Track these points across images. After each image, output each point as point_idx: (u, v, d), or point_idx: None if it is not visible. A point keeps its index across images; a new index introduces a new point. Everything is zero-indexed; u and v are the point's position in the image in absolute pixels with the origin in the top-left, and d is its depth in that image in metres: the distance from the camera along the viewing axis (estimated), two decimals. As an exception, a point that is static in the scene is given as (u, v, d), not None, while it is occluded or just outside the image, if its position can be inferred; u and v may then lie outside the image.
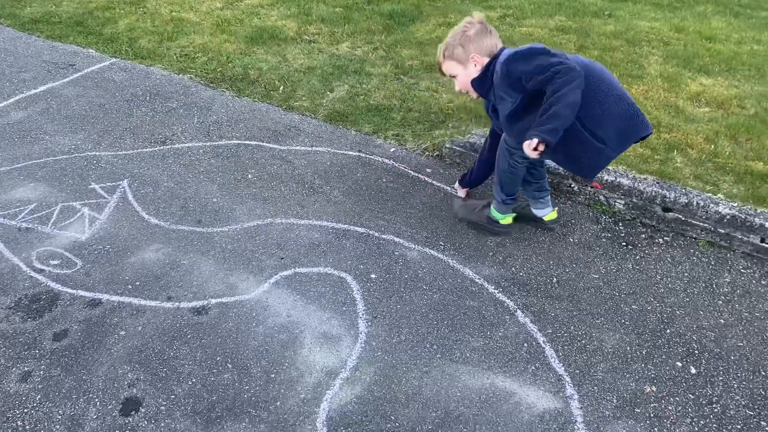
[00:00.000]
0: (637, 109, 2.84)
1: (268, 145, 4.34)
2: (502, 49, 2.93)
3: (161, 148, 4.29)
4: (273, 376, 2.63)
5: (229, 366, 2.67)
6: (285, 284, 3.10)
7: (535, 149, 2.59)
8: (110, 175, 3.97)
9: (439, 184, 3.94)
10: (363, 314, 2.94)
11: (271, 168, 4.07)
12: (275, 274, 3.16)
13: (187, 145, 4.33)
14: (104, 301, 3.00)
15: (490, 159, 3.37)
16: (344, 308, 2.97)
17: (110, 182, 3.89)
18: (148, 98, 4.97)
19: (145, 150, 4.26)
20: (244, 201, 3.73)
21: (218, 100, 4.97)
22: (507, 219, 3.41)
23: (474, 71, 2.95)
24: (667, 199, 3.45)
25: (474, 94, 3.05)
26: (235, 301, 3.00)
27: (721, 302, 3.06)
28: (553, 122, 2.54)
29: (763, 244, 3.27)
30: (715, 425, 2.48)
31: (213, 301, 3.00)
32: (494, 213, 3.38)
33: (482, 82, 2.94)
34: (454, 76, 3.05)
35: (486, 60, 2.91)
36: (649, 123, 2.86)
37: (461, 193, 3.75)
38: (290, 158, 4.18)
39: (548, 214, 3.44)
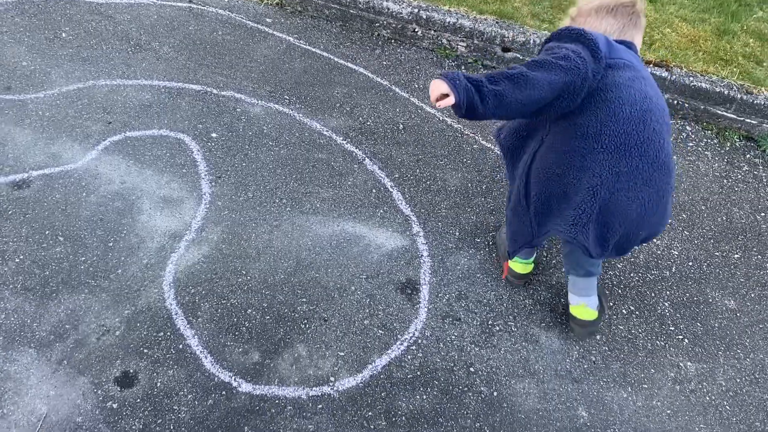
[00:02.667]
0: (609, 206, 1.78)
1: (82, -2, 3.83)
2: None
3: (-49, 6, 3.66)
4: (111, 244, 2.48)
5: (61, 239, 2.48)
6: (116, 150, 2.86)
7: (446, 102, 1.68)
8: None
9: (280, 35, 3.71)
10: (206, 175, 2.81)
11: (89, 25, 3.61)
12: (103, 140, 2.90)
13: (-17, 2, 3.72)
14: None
15: None
16: (184, 170, 2.81)
17: None
18: (-75, -53, 4.15)
19: (-71, 10, 3.62)
20: (60, 63, 3.32)
21: (17, -52, 4.25)
22: (517, 265, 2.44)
23: None
24: (506, 39, 3.49)
25: None
26: (61, 171, 2.74)
27: (554, 136, 3.23)
28: (488, 87, 1.62)
29: (592, 79, 3.44)
30: (545, 244, 2.70)
31: (34, 173, 2.71)
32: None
33: None
34: None
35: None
36: (609, 246, 1.84)
37: None
38: (110, 13, 3.73)
39: (578, 304, 2.29)
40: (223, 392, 2.08)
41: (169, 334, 2.22)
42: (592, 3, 1.99)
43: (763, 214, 2.92)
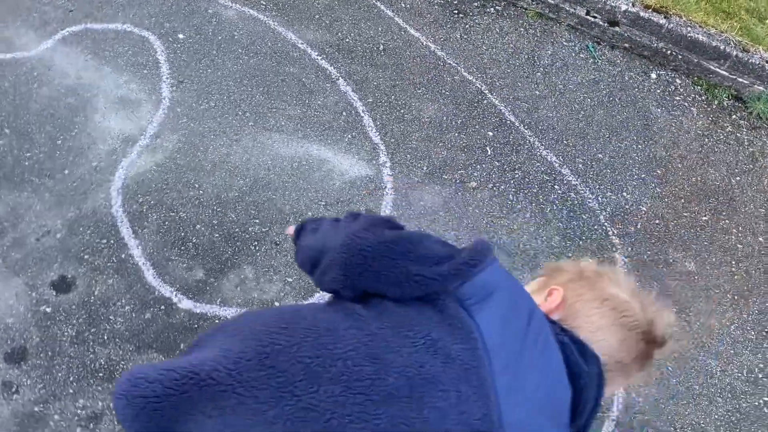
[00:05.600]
0: None
1: None
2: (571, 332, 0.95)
3: None
4: (60, 143, 2.36)
5: (6, 131, 2.34)
6: (74, 41, 2.68)
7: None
8: None
9: (265, -65, 3.46)
10: (167, 78, 2.65)
11: None
12: (62, 29, 2.71)
13: None
14: None
15: None
16: (145, 71, 2.65)
17: None
18: None
19: None
20: (22, -61, 3.07)
21: None
22: None
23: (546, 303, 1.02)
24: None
25: None
26: (12, 58, 2.57)
27: (539, 74, 3.10)
28: (312, 227, 1.08)
29: (588, 17, 3.27)
30: (513, 189, 2.62)
31: (-17, 58, 2.55)
32: None
33: None
34: None
35: (559, 309, 1.00)
36: None
37: None
38: None
39: None
40: (162, 307, 2.03)
41: (112, 242, 2.14)
42: (593, 273, 1.05)
43: (738, 178, 2.86)
